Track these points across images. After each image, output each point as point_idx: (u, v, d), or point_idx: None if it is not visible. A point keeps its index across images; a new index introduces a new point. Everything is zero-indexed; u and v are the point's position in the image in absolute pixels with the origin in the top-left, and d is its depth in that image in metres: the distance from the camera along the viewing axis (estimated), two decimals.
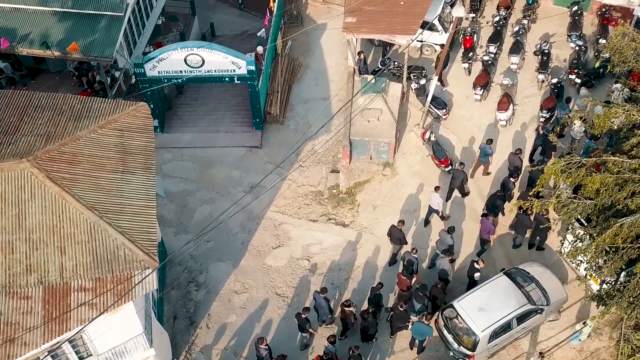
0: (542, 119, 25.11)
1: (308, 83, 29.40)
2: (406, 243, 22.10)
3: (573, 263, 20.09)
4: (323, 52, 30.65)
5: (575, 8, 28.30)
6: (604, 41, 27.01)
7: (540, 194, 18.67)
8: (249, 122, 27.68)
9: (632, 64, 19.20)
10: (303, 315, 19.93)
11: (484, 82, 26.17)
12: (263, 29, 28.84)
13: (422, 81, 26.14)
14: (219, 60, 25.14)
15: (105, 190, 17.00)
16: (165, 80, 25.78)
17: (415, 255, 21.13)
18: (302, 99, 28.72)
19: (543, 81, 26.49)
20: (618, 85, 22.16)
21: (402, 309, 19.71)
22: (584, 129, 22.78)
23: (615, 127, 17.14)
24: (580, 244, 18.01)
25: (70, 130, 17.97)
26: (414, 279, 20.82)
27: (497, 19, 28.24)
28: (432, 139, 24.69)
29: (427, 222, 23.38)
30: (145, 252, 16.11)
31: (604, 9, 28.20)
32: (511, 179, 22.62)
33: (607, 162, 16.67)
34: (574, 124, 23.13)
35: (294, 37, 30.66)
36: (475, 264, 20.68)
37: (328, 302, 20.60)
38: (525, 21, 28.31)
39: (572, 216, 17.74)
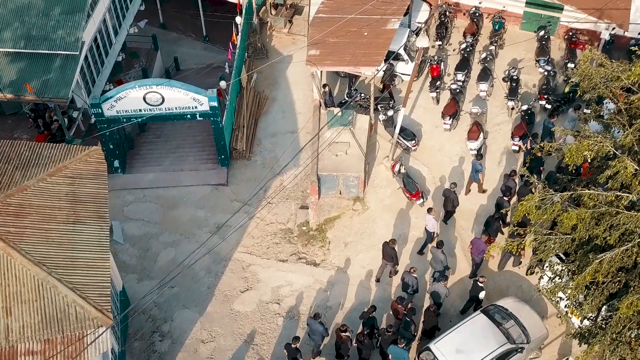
0: (514, 147, 24.53)
1: (275, 116, 28.64)
2: (397, 263, 21.60)
3: (552, 300, 19.34)
4: (289, 84, 29.97)
5: (542, 32, 28.01)
6: (572, 65, 26.72)
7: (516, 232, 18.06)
8: (215, 159, 26.79)
9: (602, 90, 18.69)
10: (293, 345, 19.13)
11: (452, 111, 25.61)
12: (226, 63, 28.16)
13: (390, 112, 25.51)
14: (179, 97, 24.29)
15: (55, 243, 15.96)
16: (125, 120, 24.83)
17: (415, 275, 20.60)
18: (269, 132, 27.93)
19: (513, 108, 26.02)
20: (575, 115, 21.85)
21: (389, 332, 19.10)
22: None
23: (589, 160, 16.51)
24: (559, 280, 17.28)
25: (17, 180, 16.96)
26: (409, 305, 20.13)
27: (463, 46, 27.81)
28: (402, 171, 23.99)
29: (422, 251, 22.71)
30: (98, 309, 15.07)
31: (571, 33, 27.94)
32: (504, 197, 22.22)
33: (582, 196, 16.01)
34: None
35: (259, 70, 29.98)
36: (477, 282, 19.99)
37: (324, 326, 19.93)
38: (492, 47, 27.91)
39: (550, 253, 17.02)
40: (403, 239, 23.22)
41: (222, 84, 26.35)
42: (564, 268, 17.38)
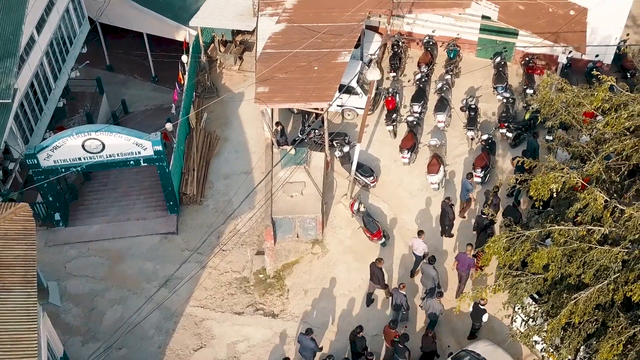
0: (477, 179, 23.53)
1: (227, 157, 27.27)
2: (386, 286, 20.67)
3: (527, 344, 18.10)
4: (242, 123, 28.69)
5: (499, 59, 27.32)
6: (531, 91, 26.01)
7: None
8: (164, 206, 25.23)
9: (564, 116, 17.81)
10: None
11: (410, 144, 24.56)
12: (173, 104, 26.82)
13: (346, 148, 24.35)
14: (121, 143, 22.79)
15: None
16: (63, 170, 23.19)
17: (404, 292, 19.70)
18: (222, 174, 26.52)
19: (473, 138, 25.09)
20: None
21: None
22: None
23: (555, 193, 15.48)
24: (532, 323, 16.08)
25: None
26: (403, 330, 19.17)
27: (418, 76, 26.94)
28: (362, 209, 22.74)
29: (413, 273, 21.76)
30: None
31: (527, 58, 27.33)
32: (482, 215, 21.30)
33: (552, 232, 14.91)
34: None
35: (208, 109, 28.72)
36: (479, 305, 18.77)
37: (315, 343, 19.05)
38: (448, 76, 27.07)
39: (522, 296, 15.83)
40: (365, 282, 21.86)
41: (168, 126, 24.96)
42: (537, 309, 16.20)
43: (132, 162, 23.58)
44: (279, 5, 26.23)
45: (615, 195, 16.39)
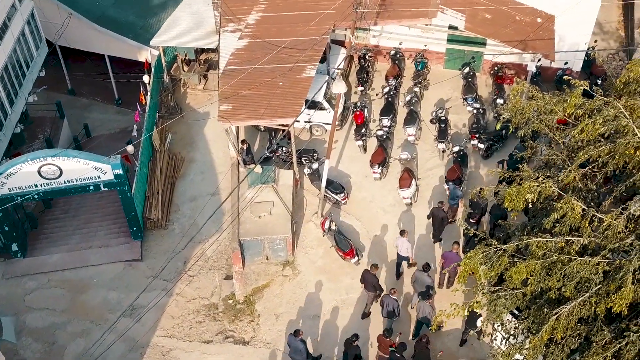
0: (448, 192, 22.93)
1: (193, 179, 26.35)
2: (382, 290, 20.04)
3: None
4: (208, 143, 27.82)
5: (467, 69, 26.88)
6: (501, 101, 25.57)
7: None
8: (127, 232, 24.21)
9: (536, 125, 17.24)
10: None
11: (381, 159, 23.88)
12: (134, 126, 25.91)
13: (315, 165, 23.60)
14: (79, 168, 21.79)
15: None
16: (19, 198, 22.10)
17: (395, 297, 19.17)
18: (188, 197, 25.58)
19: (444, 150, 24.53)
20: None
21: None
22: None
23: (530, 204, 14.85)
24: (513, 341, 15.36)
25: None
26: (397, 338, 18.73)
27: (386, 89, 26.35)
28: (333, 227, 21.96)
29: (398, 274, 21.32)
30: None
31: (496, 68, 26.91)
32: (471, 220, 20.92)
33: (529, 244, 14.25)
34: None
35: (172, 130, 27.85)
36: (474, 310, 17.53)
37: (305, 345, 18.64)
38: (416, 89, 26.51)
39: (502, 313, 15.09)
40: (340, 303, 21.09)
41: (129, 148, 24.08)
42: (518, 326, 15.48)
43: (91, 188, 22.58)
44: (241, 21, 25.52)
45: (592, 203, 15.81)
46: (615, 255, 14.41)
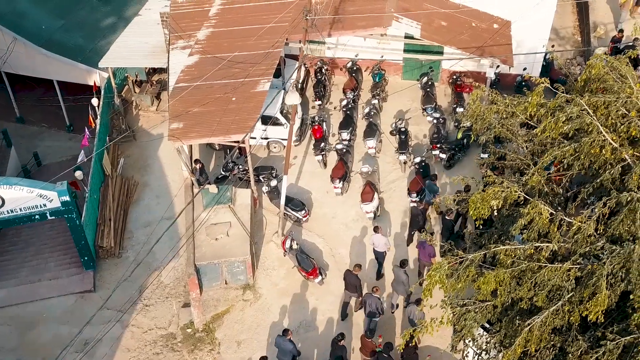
0: (412, 204, 22.24)
1: (148, 203, 25.21)
2: (362, 294, 19.55)
3: None
4: (162, 166, 26.74)
5: (425, 79, 26.39)
6: (461, 109, 25.06)
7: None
8: (79, 262, 22.93)
9: (497, 129, 16.65)
10: None
11: (341, 173, 23.13)
12: (82, 151, 24.73)
13: (274, 182, 22.72)
14: (22, 196, 20.55)
15: None
16: None
17: (377, 295, 18.72)
18: (142, 222, 24.43)
19: (405, 162, 23.90)
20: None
21: None
22: None
23: (496, 211, 14.16)
24: (486, 356, 14.56)
25: None
26: (379, 340, 18.05)
27: (344, 102, 25.69)
28: (295, 246, 21.05)
29: (379, 274, 21.01)
30: None
31: (455, 76, 26.48)
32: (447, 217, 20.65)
33: (497, 253, 13.52)
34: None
35: (125, 154, 26.76)
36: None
37: (294, 344, 18.09)
38: (375, 101, 25.89)
39: (473, 328, 14.30)
40: (305, 326, 20.14)
41: (78, 174, 22.96)
42: (489, 340, 14.70)
43: (37, 217, 21.32)
44: (191, 37, 24.68)
45: (559, 208, 15.21)
46: (586, 260, 13.81)
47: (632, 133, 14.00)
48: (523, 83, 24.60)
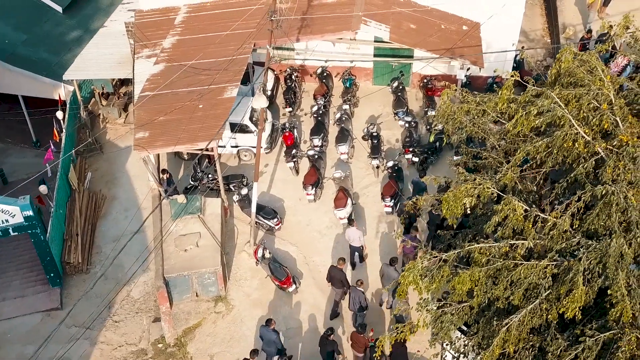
0: (387, 208, 21.86)
1: (116, 217, 24.56)
2: (349, 287, 19.32)
3: None
4: (131, 179, 26.11)
5: (396, 84, 26.12)
6: (432, 113, 24.78)
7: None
8: (45, 280, 22.19)
9: (469, 128, 16.32)
10: None
11: (314, 179, 22.70)
12: (47, 165, 24.05)
13: (244, 190, 22.22)
14: None
15: None
16: None
17: (361, 289, 18.78)
18: (111, 237, 23.75)
19: (378, 167, 23.55)
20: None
21: None
22: None
23: (469, 209, 13.79)
24: None
25: None
26: (370, 334, 17.89)
27: (315, 108, 25.31)
28: (267, 255, 20.54)
29: (353, 264, 20.90)
30: None
31: (425, 80, 26.25)
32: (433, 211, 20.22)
33: (472, 252, 13.15)
34: None
35: (92, 168, 26.11)
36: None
37: (278, 335, 18.06)
38: (346, 106, 25.57)
39: (450, 330, 13.87)
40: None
41: (42, 188, 22.29)
42: (467, 343, 14.29)
43: None
44: (156, 46, 24.19)
45: (534, 205, 14.90)
46: (563, 257, 13.50)
47: (604, 126, 13.76)
48: (494, 84, 24.41)
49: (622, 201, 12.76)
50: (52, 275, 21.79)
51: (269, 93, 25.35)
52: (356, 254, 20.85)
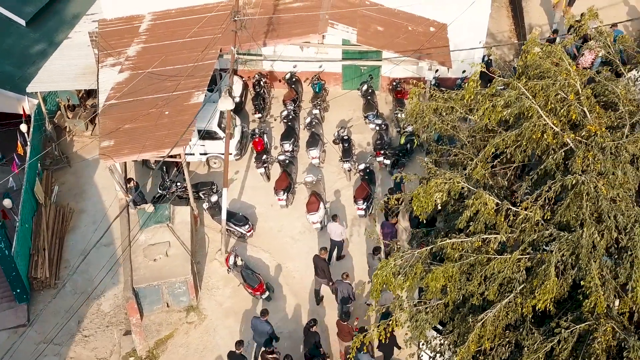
0: (360, 211, 21.64)
1: (84, 230, 23.99)
2: (330, 279, 19.50)
3: None
4: (99, 191, 25.56)
5: (365, 87, 25.97)
6: (402, 115, 24.68)
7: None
8: (11, 296, 21.55)
9: (438, 126, 16.18)
10: (238, 351, 17.48)
11: (285, 184, 22.41)
12: (10, 178, 23.41)
13: (214, 197, 21.84)
14: None
15: None
16: None
17: (348, 281, 18.80)
18: (79, 250, 23.13)
19: (350, 170, 23.34)
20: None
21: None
22: None
23: (439, 206, 13.61)
24: (441, 359, 13.89)
25: None
26: (355, 322, 17.91)
27: (285, 113, 25.05)
28: (239, 263, 20.17)
29: (330, 258, 20.64)
30: None
31: (395, 83, 26.15)
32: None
33: (444, 247, 12.94)
34: None
35: (59, 181, 25.55)
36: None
37: (271, 326, 18.07)
38: (316, 111, 25.32)
39: (425, 329, 13.62)
40: (253, 344, 19.16)
41: (6, 202, 21.71)
42: (443, 341, 14.05)
43: None
44: (120, 54, 23.79)
45: (505, 200, 14.76)
46: (536, 250, 13.36)
47: (572, 117, 13.71)
48: (462, 86, 24.37)
49: (592, 191, 12.67)
50: (18, 291, 21.17)
51: (237, 99, 25.04)
52: (336, 248, 20.82)
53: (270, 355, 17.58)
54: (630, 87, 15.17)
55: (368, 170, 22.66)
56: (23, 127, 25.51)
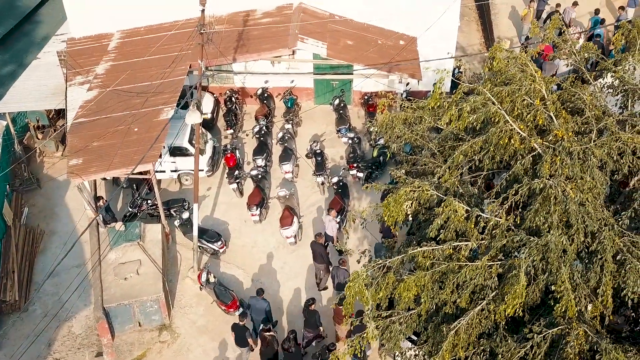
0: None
1: (55, 252, 23.49)
2: (330, 263, 20.00)
3: None
4: (70, 212, 25.15)
5: (337, 101, 26.00)
6: (375, 128, 24.68)
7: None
8: None
9: (408, 136, 16.17)
10: (241, 323, 17.89)
11: (258, 199, 22.26)
12: None
13: (186, 214, 21.60)
14: None
15: None
16: None
17: (345, 268, 19.29)
18: (50, 272, 22.70)
19: (323, 183, 23.29)
20: None
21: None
22: None
23: (410, 214, 13.53)
24: None
25: None
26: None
27: (257, 129, 24.95)
28: (212, 280, 19.90)
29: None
30: None
31: (366, 97, 26.22)
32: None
33: (415, 256, 12.83)
34: None
35: (29, 203, 25.12)
36: None
37: (268, 303, 18.63)
38: (289, 125, 25.29)
39: (399, 340, 13.46)
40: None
41: None
42: (417, 353, 13.89)
43: None
44: (89, 72, 23.58)
45: (476, 207, 14.73)
46: (507, 256, 13.30)
47: (539, 121, 13.75)
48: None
49: (560, 195, 12.66)
50: None
51: (209, 116, 24.91)
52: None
53: (267, 334, 17.74)
54: (597, 94, 15.28)
55: (341, 184, 22.60)
56: None
